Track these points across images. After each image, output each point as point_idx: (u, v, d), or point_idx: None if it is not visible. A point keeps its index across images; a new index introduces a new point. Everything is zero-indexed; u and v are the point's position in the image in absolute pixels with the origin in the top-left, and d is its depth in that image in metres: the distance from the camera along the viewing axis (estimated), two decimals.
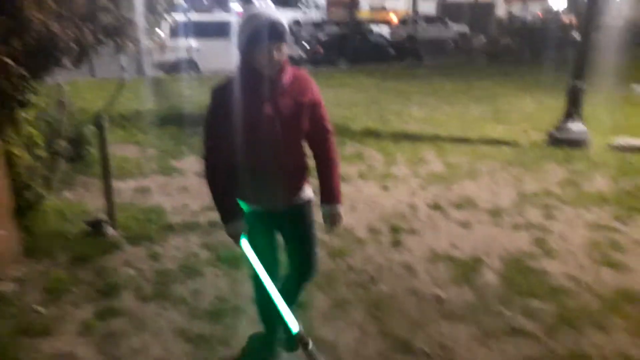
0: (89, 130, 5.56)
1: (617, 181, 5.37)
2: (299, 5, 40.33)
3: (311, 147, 2.36)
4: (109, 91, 9.42)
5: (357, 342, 2.85)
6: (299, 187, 2.36)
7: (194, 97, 10.27)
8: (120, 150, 6.40)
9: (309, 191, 2.43)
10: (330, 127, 2.35)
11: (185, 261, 3.75)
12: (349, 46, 18.36)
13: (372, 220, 4.48)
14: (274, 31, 2.02)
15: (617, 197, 4.94)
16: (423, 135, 7.02)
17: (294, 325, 2.10)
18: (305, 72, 2.27)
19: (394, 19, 29.35)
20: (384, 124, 8.14)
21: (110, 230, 4.12)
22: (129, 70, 12.44)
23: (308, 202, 2.41)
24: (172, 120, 8.27)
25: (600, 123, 7.35)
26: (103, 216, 4.22)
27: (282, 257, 2.47)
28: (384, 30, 23.86)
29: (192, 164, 6.05)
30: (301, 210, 2.40)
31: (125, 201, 4.81)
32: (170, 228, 4.31)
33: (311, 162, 2.39)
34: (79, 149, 5.56)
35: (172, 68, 14.29)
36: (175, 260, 3.77)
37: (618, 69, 12.92)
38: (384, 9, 37.64)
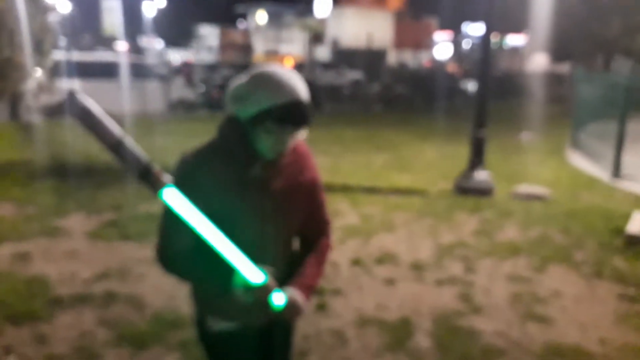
0: None
1: (525, 230, 5.53)
2: (191, 46, 39.80)
3: (302, 238, 1.85)
4: None
5: None
6: None
7: (77, 144, 9.28)
8: None
9: None
10: (328, 217, 1.87)
11: (80, 342, 3.18)
12: None
13: None
14: (301, 114, 1.52)
15: (528, 246, 5.05)
16: (334, 186, 6.87)
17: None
18: (303, 144, 1.77)
19: (291, 64, 29.87)
20: None
21: None
22: None
23: None
24: (54, 171, 7.36)
25: (501, 171, 7.71)
26: None
27: None
28: None
29: (80, 223, 5.34)
30: (287, 326, 1.94)
31: (0, 271, 4.07)
32: (58, 302, 3.68)
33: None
34: None
35: (51, 112, 13.02)
36: (67, 342, 3.19)
37: (504, 117, 14.05)
38: (277, 53, 38.34)
